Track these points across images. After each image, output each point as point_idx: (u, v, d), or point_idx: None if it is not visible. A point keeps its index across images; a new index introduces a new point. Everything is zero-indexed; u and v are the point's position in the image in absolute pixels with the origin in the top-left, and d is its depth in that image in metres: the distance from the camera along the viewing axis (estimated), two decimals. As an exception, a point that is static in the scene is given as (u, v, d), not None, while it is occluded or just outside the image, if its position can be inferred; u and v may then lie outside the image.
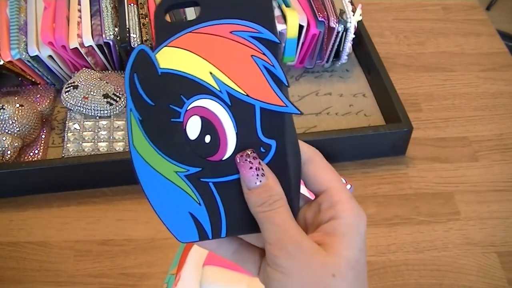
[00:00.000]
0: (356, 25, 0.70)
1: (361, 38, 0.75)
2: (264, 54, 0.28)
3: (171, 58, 0.28)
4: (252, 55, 0.28)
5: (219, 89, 0.28)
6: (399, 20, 0.89)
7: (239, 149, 0.28)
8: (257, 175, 0.27)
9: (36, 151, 0.64)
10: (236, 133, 0.28)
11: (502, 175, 0.66)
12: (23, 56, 0.64)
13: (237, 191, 0.28)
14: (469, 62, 0.82)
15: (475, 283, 0.56)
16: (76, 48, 0.65)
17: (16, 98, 0.65)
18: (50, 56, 0.66)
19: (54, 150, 0.66)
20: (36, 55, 0.65)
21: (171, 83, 0.28)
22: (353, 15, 0.69)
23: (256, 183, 0.27)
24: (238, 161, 0.28)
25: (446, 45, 0.85)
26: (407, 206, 0.63)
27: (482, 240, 0.60)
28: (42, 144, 0.65)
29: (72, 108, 0.65)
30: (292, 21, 0.68)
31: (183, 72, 0.28)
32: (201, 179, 0.28)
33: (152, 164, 0.28)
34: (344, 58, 0.75)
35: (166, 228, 0.28)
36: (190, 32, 0.28)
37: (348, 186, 0.61)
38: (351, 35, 0.71)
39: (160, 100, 0.28)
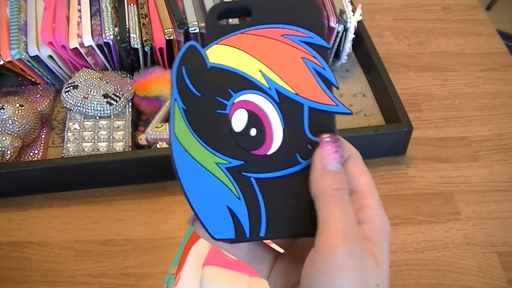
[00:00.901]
0: (356, 25, 0.70)
1: (361, 38, 0.75)
2: (314, 57, 0.28)
3: (221, 54, 0.28)
4: (302, 57, 0.28)
5: (268, 86, 0.28)
6: (399, 20, 0.89)
7: (285, 145, 0.27)
8: (338, 161, 0.26)
9: (36, 151, 0.64)
10: (283, 129, 0.27)
11: (502, 175, 0.66)
12: (23, 56, 0.64)
13: (281, 190, 0.27)
14: (469, 62, 0.82)
15: (475, 283, 0.56)
16: (76, 48, 0.65)
17: (16, 98, 0.65)
18: (50, 56, 0.66)
19: (54, 150, 0.66)
20: (36, 55, 0.65)
21: (220, 77, 0.28)
22: (353, 15, 0.69)
23: (335, 167, 0.26)
24: (325, 139, 0.27)
25: (446, 45, 0.85)
26: (407, 206, 0.63)
27: (482, 240, 0.60)
28: (42, 144, 0.65)
29: (72, 108, 0.65)
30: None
31: (232, 67, 0.28)
32: (243, 173, 0.27)
33: (192, 153, 0.27)
34: (344, 58, 0.75)
35: (200, 223, 0.27)
36: (241, 33, 0.29)
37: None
38: (351, 35, 0.71)
39: (207, 91, 0.28)
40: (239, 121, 0.27)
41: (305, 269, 0.25)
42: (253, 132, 0.27)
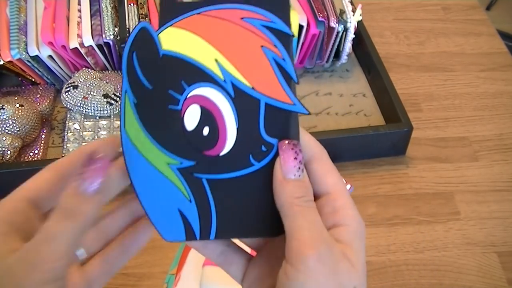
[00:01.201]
0: (356, 25, 0.70)
1: (361, 38, 0.75)
2: (275, 46, 0.25)
3: (175, 39, 0.26)
4: (262, 46, 0.25)
5: (223, 79, 0.26)
6: (399, 20, 0.89)
7: (238, 145, 0.26)
8: (299, 168, 0.25)
9: (36, 151, 0.64)
10: (237, 128, 0.26)
11: (502, 175, 0.67)
12: (23, 56, 0.64)
13: (233, 191, 0.26)
14: (469, 62, 0.82)
15: (475, 283, 0.56)
16: (76, 48, 0.65)
17: (16, 98, 0.65)
18: (50, 56, 0.66)
19: (54, 150, 0.66)
20: (36, 55, 0.65)
21: (173, 67, 0.26)
22: (353, 15, 0.69)
23: (295, 175, 0.25)
24: (284, 147, 0.25)
25: (446, 45, 0.85)
26: (407, 206, 0.63)
27: (482, 240, 0.60)
28: (42, 144, 0.65)
29: (72, 108, 0.65)
30: (292, 21, 0.68)
31: (186, 56, 0.26)
32: (195, 174, 0.26)
33: (143, 152, 0.26)
34: (344, 58, 0.75)
35: (151, 224, 0.27)
36: (198, 14, 0.26)
37: (348, 186, 0.61)
38: (351, 35, 0.71)
39: (159, 84, 0.26)
40: (191, 118, 0.26)
41: (279, 281, 0.25)
42: (206, 131, 0.26)
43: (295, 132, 0.26)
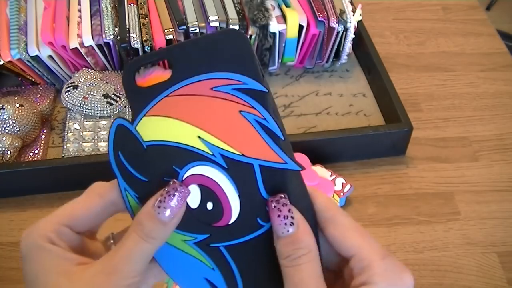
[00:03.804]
0: (356, 25, 0.70)
1: (361, 38, 0.75)
2: (253, 107, 0.25)
3: (154, 128, 0.26)
4: (240, 111, 0.25)
5: (212, 153, 0.26)
6: (399, 20, 0.89)
7: (244, 211, 0.26)
8: (285, 224, 0.25)
9: (36, 151, 0.64)
10: (239, 195, 0.26)
11: (502, 175, 0.66)
12: (23, 56, 0.64)
13: (250, 252, 0.27)
14: (469, 62, 0.82)
15: (475, 283, 0.56)
16: (76, 48, 0.65)
17: (16, 98, 0.65)
18: (50, 56, 0.66)
19: (54, 150, 0.66)
20: (36, 55, 0.65)
21: (160, 155, 0.26)
22: (353, 15, 0.69)
23: (283, 232, 0.25)
24: (269, 205, 0.26)
25: (446, 45, 0.85)
26: (407, 206, 0.63)
27: (482, 240, 0.60)
28: (42, 144, 0.65)
29: (72, 108, 0.65)
30: (292, 21, 0.68)
31: (169, 141, 0.26)
32: (211, 245, 0.27)
33: None
34: (344, 58, 0.75)
35: None
36: (167, 96, 0.26)
37: (348, 186, 0.61)
38: (351, 35, 0.71)
39: (153, 174, 0.27)
40: (193, 198, 0.27)
41: None
42: (209, 206, 0.27)
43: (297, 186, 0.26)
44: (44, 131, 0.66)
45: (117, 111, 0.65)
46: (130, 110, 0.27)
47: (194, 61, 0.26)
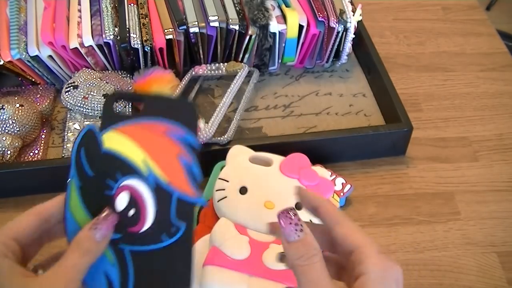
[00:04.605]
0: (356, 25, 0.70)
1: (361, 38, 0.75)
2: (187, 153, 0.34)
3: (114, 140, 0.34)
4: (177, 154, 0.34)
5: (147, 174, 0.34)
6: (399, 20, 0.89)
7: (154, 225, 0.33)
8: (296, 230, 0.30)
9: (36, 151, 0.64)
10: (155, 212, 0.33)
11: (502, 175, 0.67)
12: (23, 56, 0.64)
13: (148, 261, 0.33)
14: (469, 62, 0.82)
15: (475, 283, 0.56)
16: (76, 48, 0.65)
17: (16, 98, 0.65)
18: (50, 56, 0.66)
19: (54, 150, 0.66)
20: (36, 55, 0.65)
21: (110, 161, 0.34)
22: (353, 15, 0.69)
23: (294, 237, 0.30)
24: (280, 216, 0.31)
25: (446, 45, 0.85)
26: (407, 206, 0.63)
27: (482, 240, 0.60)
28: (42, 144, 0.65)
29: (72, 108, 0.65)
30: (292, 21, 0.68)
31: (122, 155, 0.34)
32: (120, 245, 0.33)
33: (82, 225, 0.33)
34: (344, 58, 0.75)
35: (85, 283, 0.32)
36: (133, 124, 0.35)
37: (348, 186, 0.61)
38: (351, 35, 0.71)
39: (99, 173, 0.34)
40: (121, 202, 0.33)
41: None
42: (131, 212, 0.33)
43: (195, 218, 0.34)
44: (44, 131, 0.66)
45: (117, 111, 0.65)
46: (102, 120, 0.36)
47: (159, 107, 0.35)
